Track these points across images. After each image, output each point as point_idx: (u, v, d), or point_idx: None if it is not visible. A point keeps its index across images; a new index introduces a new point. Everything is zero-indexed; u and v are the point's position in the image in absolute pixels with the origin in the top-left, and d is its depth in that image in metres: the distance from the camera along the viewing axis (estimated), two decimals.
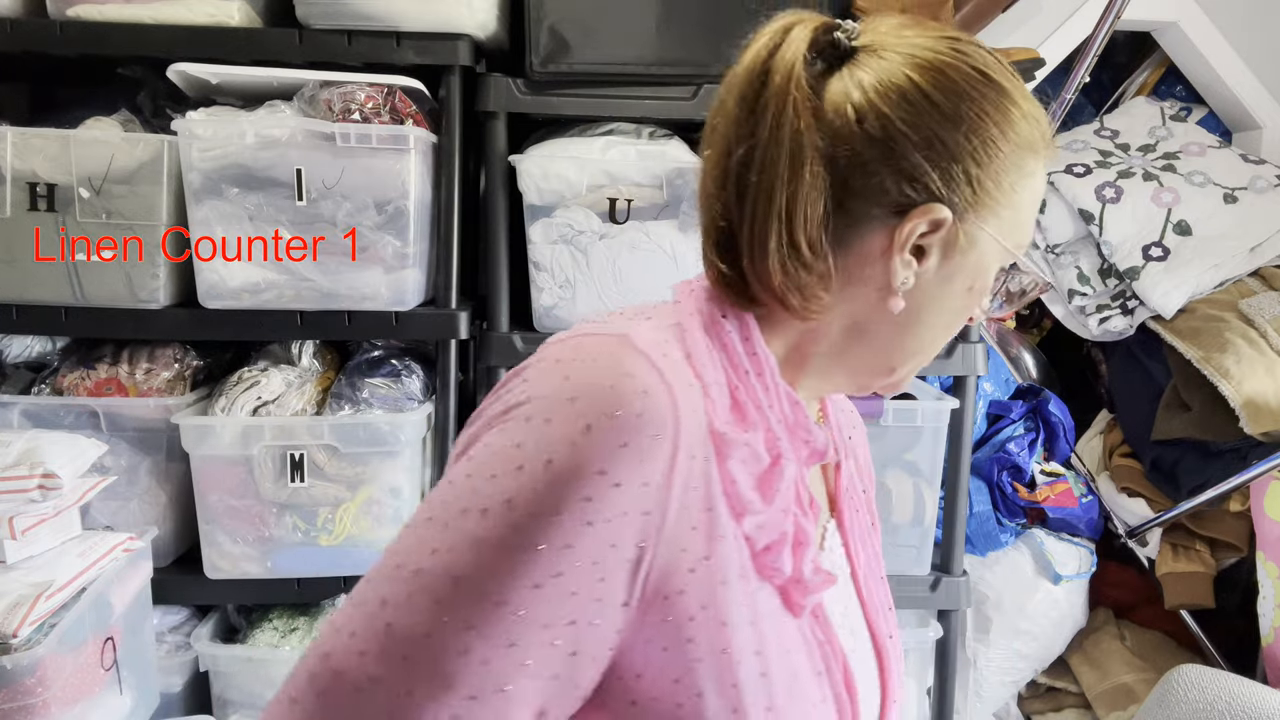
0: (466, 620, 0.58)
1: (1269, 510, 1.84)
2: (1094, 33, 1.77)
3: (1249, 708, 1.47)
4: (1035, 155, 0.70)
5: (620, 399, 0.60)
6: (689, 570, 0.61)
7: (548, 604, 0.58)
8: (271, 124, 1.46)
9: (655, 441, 0.60)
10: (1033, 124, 0.69)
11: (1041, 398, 2.04)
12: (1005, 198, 0.68)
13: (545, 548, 0.58)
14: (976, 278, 0.70)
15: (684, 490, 0.61)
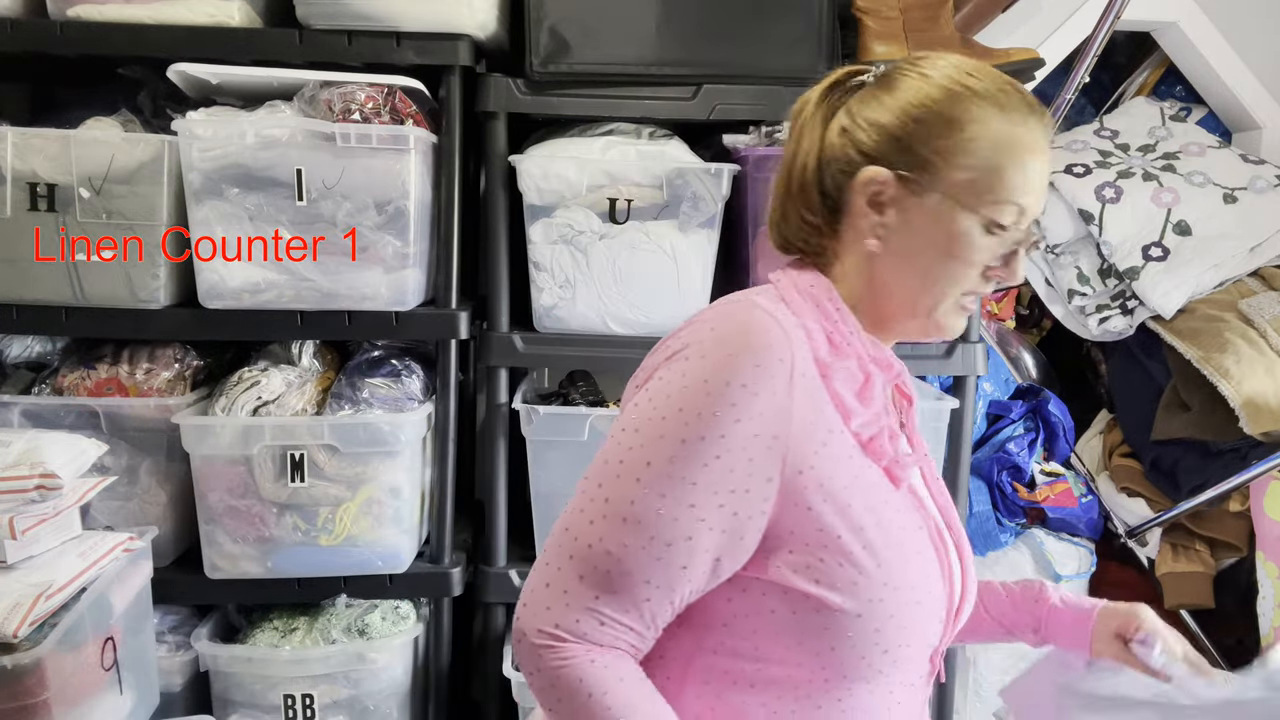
0: (659, 490, 0.84)
1: (1269, 510, 1.84)
2: (1094, 33, 1.77)
3: None
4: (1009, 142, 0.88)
5: (752, 336, 0.87)
6: (814, 453, 0.86)
7: (713, 477, 0.84)
8: (271, 124, 1.46)
9: (780, 364, 0.86)
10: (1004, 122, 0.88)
11: (1041, 398, 2.04)
12: (958, 168, 0.87)
13: (708, 437, 0.84)
14: (952, 244, 0.88)
15: (803, 396, 0.86)
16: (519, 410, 1.64)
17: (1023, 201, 0.88)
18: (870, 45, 1.65)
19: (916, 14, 1.65)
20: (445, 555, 1.65)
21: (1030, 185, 0.89)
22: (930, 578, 0.90)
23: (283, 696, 1.56)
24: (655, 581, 0.85)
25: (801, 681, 0.88)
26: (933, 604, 0.90)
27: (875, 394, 0.90)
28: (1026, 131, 0.88)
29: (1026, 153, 0.88)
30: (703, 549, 0.84)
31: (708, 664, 0.89)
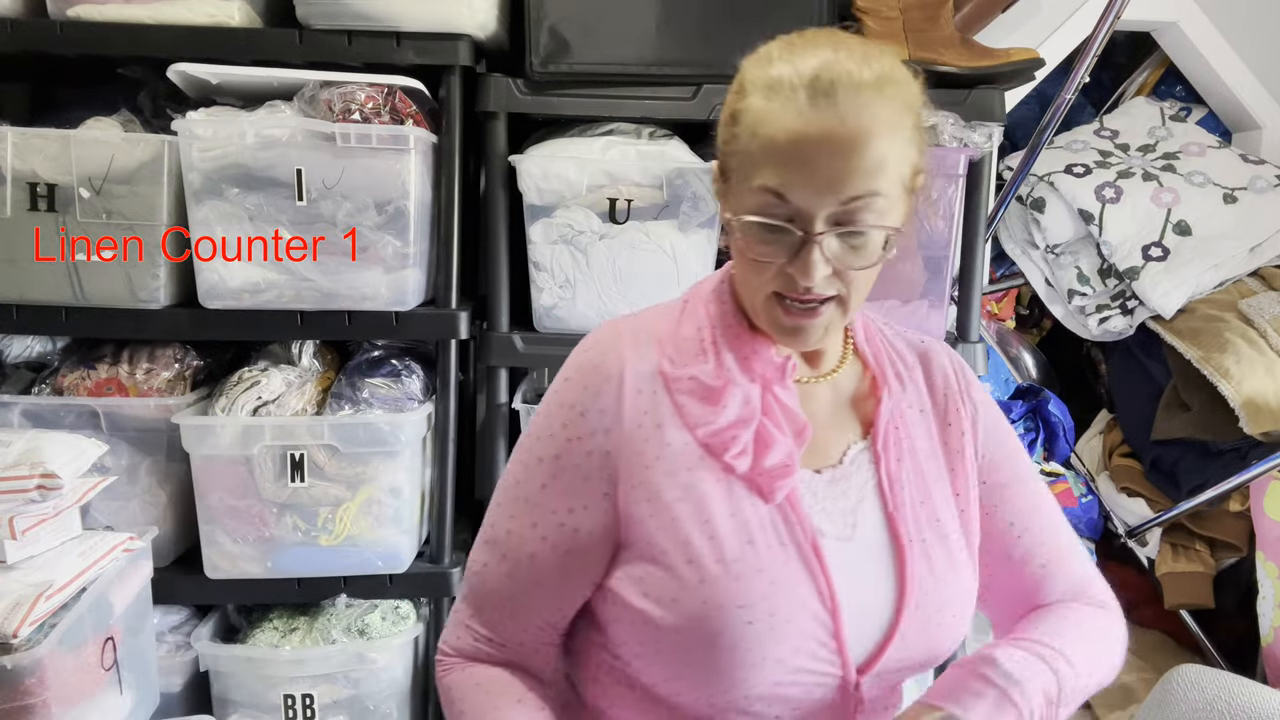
0: (509, 512, 0.92)
1: (1269, 510, 1.84)
2: (1094, 33, 1.77)
3: (1249, 708, 1.47)
4: (758, 101, 0.83)
5: (584, 356, 0.92)
6: (646, 467, 0.87)
7: (551, 496, 0.90)
8: (271, 124, 1.46)
9: (606, 382, 0.89)
10: (765, 103, 0.82)
11: (1041, 398, 2.04)
12: (734, 158, 0.85)
13: (544, 458, 0.91)
14: (737, 240, 0.85)
15: (635, 411, 0.88)
16: (519, 410, 1.64)
17: (771, 184, 0.81)
18: None
19: (916, 14, 1.65)
20: (445, 555, 1.65)
21: (780, 166, 0.80)
22: (777, 599, 0.84)
23: (283, 696, 1.56)
24: (514, 598, 0.92)
25: (676, 700, 0.88)
26: (785, 629, 0.84)
27: (731, 401, 0.88)
28: (785, 109, 0.80)
29: (779, 131, 0.80)
30: (549, 565, 0.90)
31: (601, 660, 0.93)
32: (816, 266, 0.81)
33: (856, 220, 0.81)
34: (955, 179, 1.60)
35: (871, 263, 0.85)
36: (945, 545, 0.92)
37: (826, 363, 0.97)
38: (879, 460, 0.93)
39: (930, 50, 1.64)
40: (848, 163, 0.79)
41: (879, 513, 0.92)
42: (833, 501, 0.91)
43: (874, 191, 0.80)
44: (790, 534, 0.87)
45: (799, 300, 0.84)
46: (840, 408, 0.96)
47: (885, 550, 0.91)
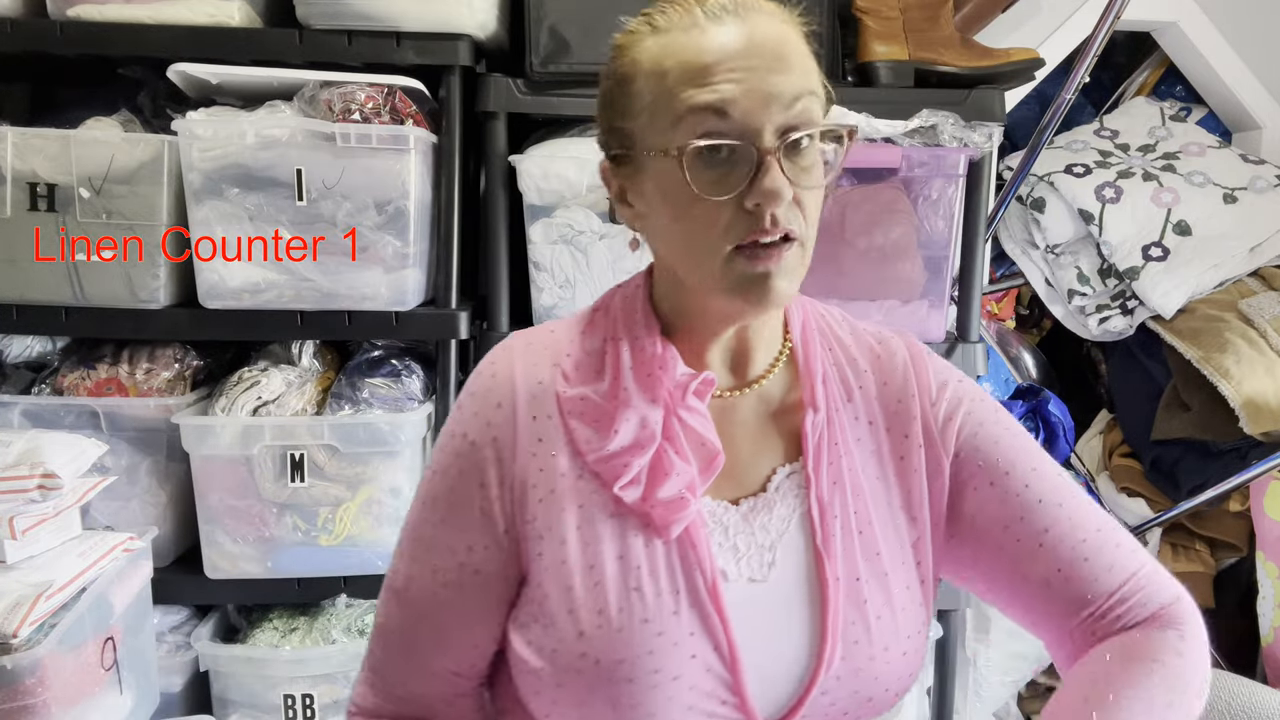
0: (410, 555, 0.85)
1: (1269, 510, 1.84)
2: (1094, 33, 1.77)
3: (1249, 708, 1.47)
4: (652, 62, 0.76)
5: (477, 382, 0.84)
6: (538, 501, 0.80)
7: (449, 536, 0.82)
8: (271, 124, 1.46)
9: (498, 410, 0.82)
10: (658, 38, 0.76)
11: (1041, 398, 2.04)
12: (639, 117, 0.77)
13: (439, 494, 0.83)
14: (680, 194, 0.75)
15: (529, 442, 0.81)
16: None
17: (705, 99, 0.72)
18: (870, 45, 1.65)
19: (916, 14, 1.65)
20: None
21: (710, 81, 0.73)
22: (664, 653, 0.75)
23: (283, 696, 1.56)
24: (419, 649, 0.84)
25: None
26: (672, 686, 0.75)
27: (624, 423, 0.79)
28: (687, 30, 0.75)
29: (694, 52, 0.73)
30: (453, 611, 0.82)
31: (517, 709, 0.84)
32: (782, 182, 0.73)
33: (803, 124, 0.74)
34: (955, 179, 1.60)
35: (821, 181, 0.78)
36: (884, 583, 0.81)
37: (755, 366, 0.86)
38: (810, 485, 0.83)
39: (930, 50, 1.65)
40: (780, 61, 0.73)
41: (804, 548, 0.82)
42: (749, 537, 0.81)
43: (812, 90, 0.75)
44: (686, 578, 0.77)
45: (763, 242, 0.74)
46: (768, 424, 0.86)
47: (806, 592, 0.80)
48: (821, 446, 0.84)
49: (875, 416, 0.87)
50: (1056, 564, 0.84)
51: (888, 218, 1.60)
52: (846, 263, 1.60)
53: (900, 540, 0.84)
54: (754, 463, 0.85)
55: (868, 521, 0.83)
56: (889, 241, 1.60)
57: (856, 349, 0.90)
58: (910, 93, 1.63)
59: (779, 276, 0.76)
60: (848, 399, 0.87)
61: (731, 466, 0.82)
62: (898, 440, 0.86)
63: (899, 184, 1.60)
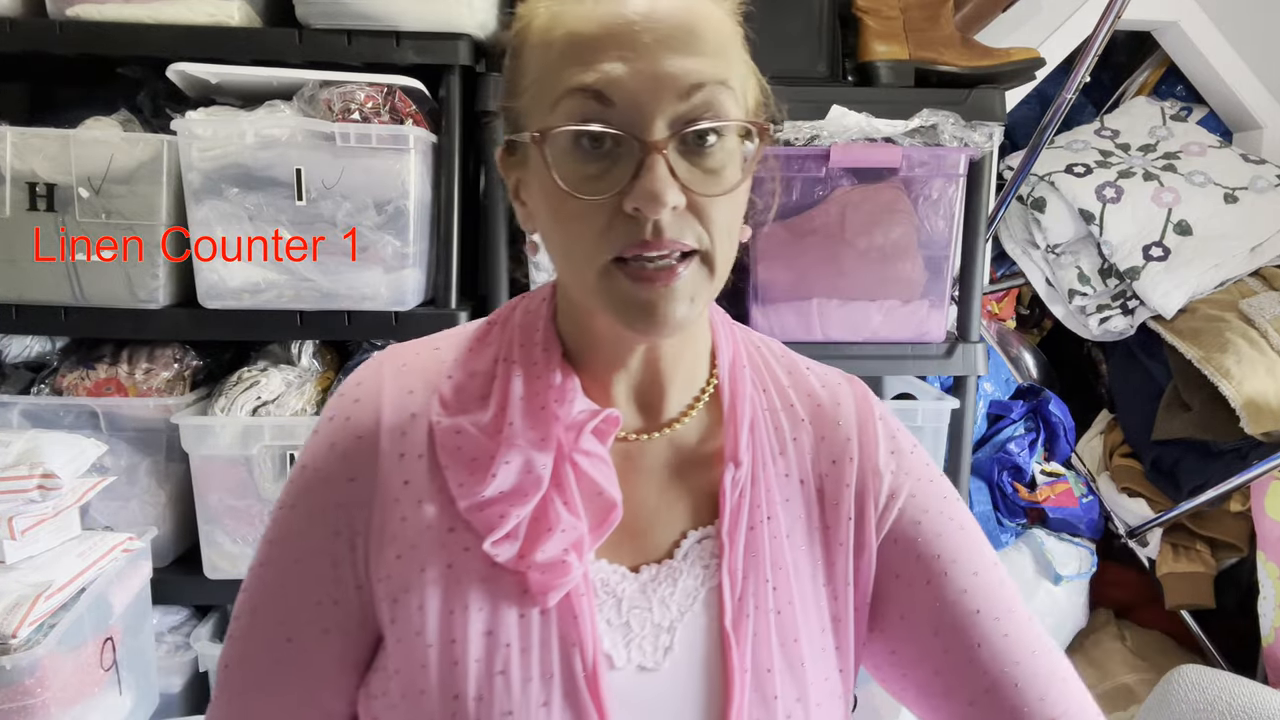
0: (254, 602, 0.71)
1: (1269, 510, 1.84)
2: (1094, 33, 1.77)
3: (1249, 708, 1.47)
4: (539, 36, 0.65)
5: (340, 403, 0.70)
6: (396, 557, 0.66)
7: (298, 586, 0.68)
8: (271, 124, 1.46)
9: (358, 442, 0.68)
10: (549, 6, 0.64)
11: (1042, 398, 2.04)
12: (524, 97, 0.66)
13: (288, 536, 0.69)
14: (553, 190, 0.63)
15: (392, 484, 0.67)
16: None
17: (584, 79, 0.60)
18: (870, 45, 1.65)
19: (917, 14, 1.65)
20: None
21: (592, 57, 0.60)
22: None
23: None
24: (257, 709, 0.70)
25: None
26: None
27: (504, 466, 0.65)
28: (580, 2, 0.62)
29: (582, 21, 0.61)
30: (297, 673, 0.69)
31: None
32: (665, 183, 0.59)
33: (703, 117, 0.61)
34: (956, 179, 1.60)
35: (730, 186, 0.63)
36: (799, 675, 0.68)
37: (670, 405, 0.73)
38: (723, 554, 0.69)
39: (930, 50, 1.64)
40: (680, 41, 0.60)
41: (710, 629, 0.68)
42: (644, 614, 0.68)
43: (721, 79, 0.62)
44: (563, 660, 0.64)
45: (648, 257, 0.61)
46: (681, 476, 0.73)
47: (706, 684, 0.67)
48: (741, 509, 0.70)
49: (807, 476, 0.74)
50: (985, 684, 0.72)
51: (888, 218, 1.60)
52: (846, 263, 1.60)
53: (822, 624, 0.72)
54: (661, 522, 0.71)
55: (788, 601, 0.70)
56: (889, 241, 1.60)
57: (795, 393, 0.76)
58: (910, 92, 1.62)
59: (669, 301, 0.62)
60: (779, 452, 0.74)
61: (633, 525, 0.70)
62: (829, 508, 0.73)
63: (899, 184, 1.60)
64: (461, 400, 0.69)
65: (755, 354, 0.78)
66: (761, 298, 1.61)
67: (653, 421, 0.73)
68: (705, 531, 0.71)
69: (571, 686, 0.64)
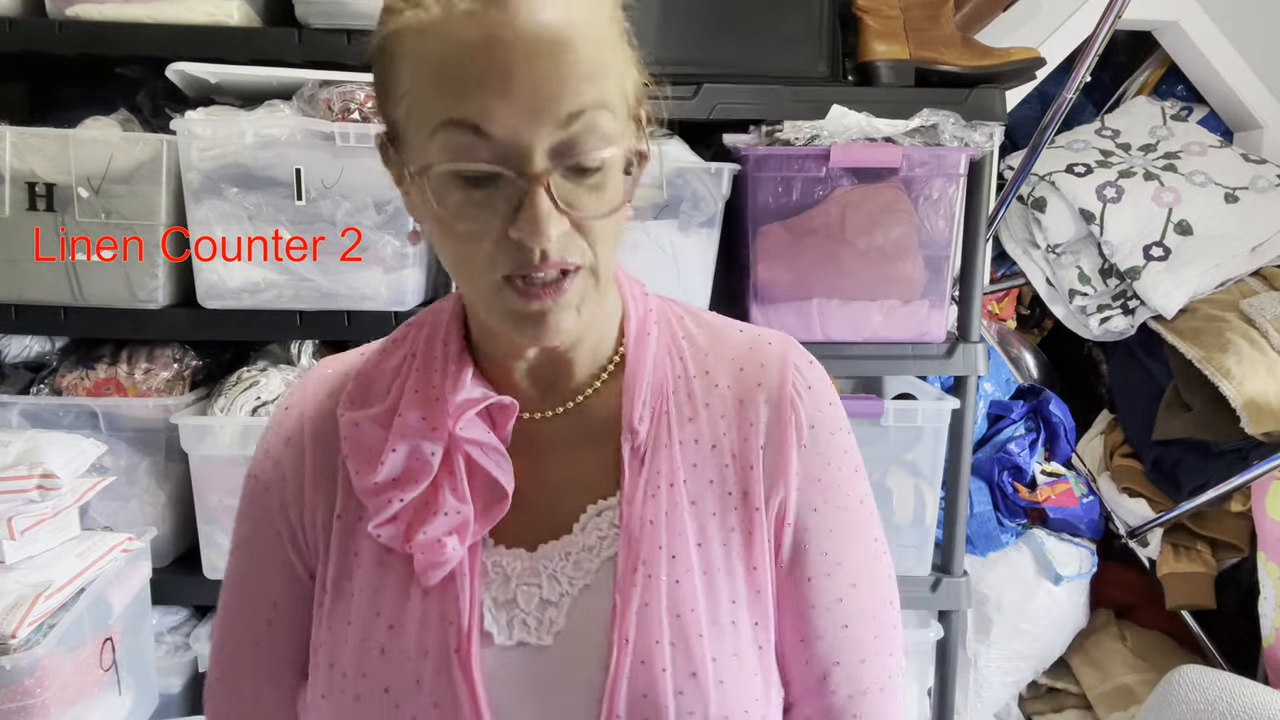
0: (222, 602, 0.77)
1: (1270, 510, 1.84)
2: (1094, 33, 1.77)
3: (1250, 708, 1.47)
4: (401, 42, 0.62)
5: (276, 413, 0.77)
6: (326, 547, 0.72)
7: (252, 590, 0.75)
8: (271, 124, 1.45)
9: (287, 447, 0.74)
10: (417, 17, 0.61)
11: (1042, 398, 2.04)
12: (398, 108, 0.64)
13: (240, 542, 0.76)
14: (431, 210, 0.63)
15: (318, 481, 0.73)
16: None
17: (459, 114, 0.59)
18: (870, 45, 1.64)
19: (917, 13, 1.64)
20: None
21: (465, 88, 0.58)
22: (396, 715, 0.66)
23: None
24: (229, 701, 0.77)
25: None
26: None
27: (391, 455, 0.68)
28: (449, 13, 0.59)
29: (450, 44, 0.59)
30: (265, 671, 0.75)
31: None
32: (548, 219, 0.60)
33: (585, 145, 0.60)
34: (956, 178, 1.60)
35: (616, 205, 0.64)
36: (692, 649, 0.66)
37: (576, 378, 0.74)
38: (621, 522, 0.69)
39: (931, 50, 1.64)
40: (557, 67, 0.59)
41: (605, 599, 0.68)
42: (532, 590, 0.69)
43: (600, 102, 0.61)
44: (438, 638, 0.66)
45: (536, 277, 0.62)
46: (587, 449, 0.73)
47: (598, 656, 0.66)
48: (639, 476, 0.70)
49: (720, 441, 0.72)
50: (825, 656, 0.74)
51: (888, 217, 1.60)
52: (847, 263, 1.60)
53: (734, 595, 0.70)
54: (564, 498, 0.72)
55: (686, 569, 0.68)
56: (889, 241, 1.60)
57: (714, 357, 0.75)
58: (911, 92, 1.62)
59: (559, 312, 0.64)
60: (689, 418, 0.72)
61: (536, 504, 0.71)
62: (744, 472, 0.72)
63: (899, 184, 1.60)
64: (366, 396, 0.73)
65: (675, 322, 0.77)
66: (761, 298, 1.61)
67: (559, 396, 0.74)
68: (607, 503, 0.71)
69: (444, 663, 0.66)
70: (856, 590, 0.74)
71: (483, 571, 0.69)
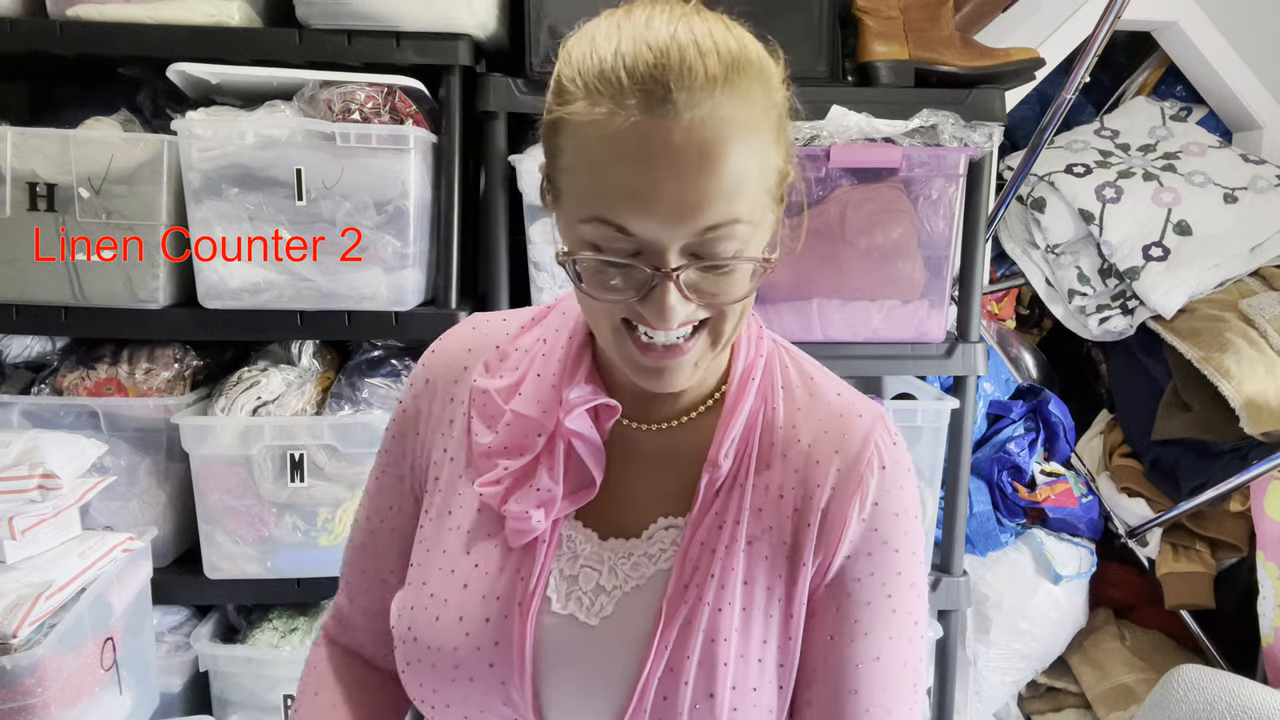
0: (366, 492, 0.92)
1: (1269, 510, 1.84)
2: (1094, 33, 1.77)
3: (1249, 708, 1.47)
4: (584, 122, 0.66)
5: (428, 354, 0.88)
6: (435, 479, 0.83)
7: (381, 491, 0.89)
8: (271, 124, 1.46)
9: (427, 386, 0.85)
10: (588, 112, 0.66)
11: (1041, 398, 2.04)
12: (560, 173, 0.70)
13: (381, 451, 0.89)
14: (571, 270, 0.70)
15: (440, 422, 0.84)
16: None
17: (608, 216, 0.65)
18: (870, 45, 1.65)
19: (917, 14, 1.65)
20: None
21: (617, 195, 0.65)
22: (467, 654, 0.75)
23: (282, 696, 1.56)
24: (353, 582, 0.94)
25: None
26: (467, 686, 0.75)
27: (506, 425, 0.78)
28: (613, 121, 0.64)
29: (610, 154, 0.65)
30: (380, 552, 0.90)
31: None
32: (673, 311, 0.67)
33: (716, 252, 0.66)
34: (956, 179, 1.60)
35: (741, 295, 0.69)
36: (712, 674, 0.73)
37: (676, 409, 0.81)
38: (683, 542, 0.76)
39: (931, 50, 1.64)
40: (699, 187, 0.64)
41: (650, 607, 0.76)
42: (594, 574, 0.78)
43: (734, 218, 0.65)
44: (507, 589, 0.76)
45: (655, 335, 0.69)
46: (671, 468, 0.80)
47: (632, 652, 0.75)
48: (710, 507, 0.77)
49: (789, 494, 0.78)
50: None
51: (888, 218, 1.60)
52: (846, 263, 1.60)
53: (766, 636, 0.76)
54: (640, 504, 0.80)
55: (729, 602, 0.75)
56: (889, 241, 1.60)
57: (806, 414, 0.80)
58: (910, 92, 1.63)
59: (674, 371, 0.71)
60: (766, 465, 0.78)
61: (614, 501, 0.79)
62: (801, 528, 0.77)
63: (899, 184, 1.60)
64: (500, 368, 0.83)
65: (778, 370, 0.82)
66: (761, 297, 1.61)
67: (658, 415, 0.81)
68: (674, 521, 0.79)
69: (510, 610, 0.76)
70: (879, 664, 0.77)
71: (558, 542, 0.79)
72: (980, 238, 1.67)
